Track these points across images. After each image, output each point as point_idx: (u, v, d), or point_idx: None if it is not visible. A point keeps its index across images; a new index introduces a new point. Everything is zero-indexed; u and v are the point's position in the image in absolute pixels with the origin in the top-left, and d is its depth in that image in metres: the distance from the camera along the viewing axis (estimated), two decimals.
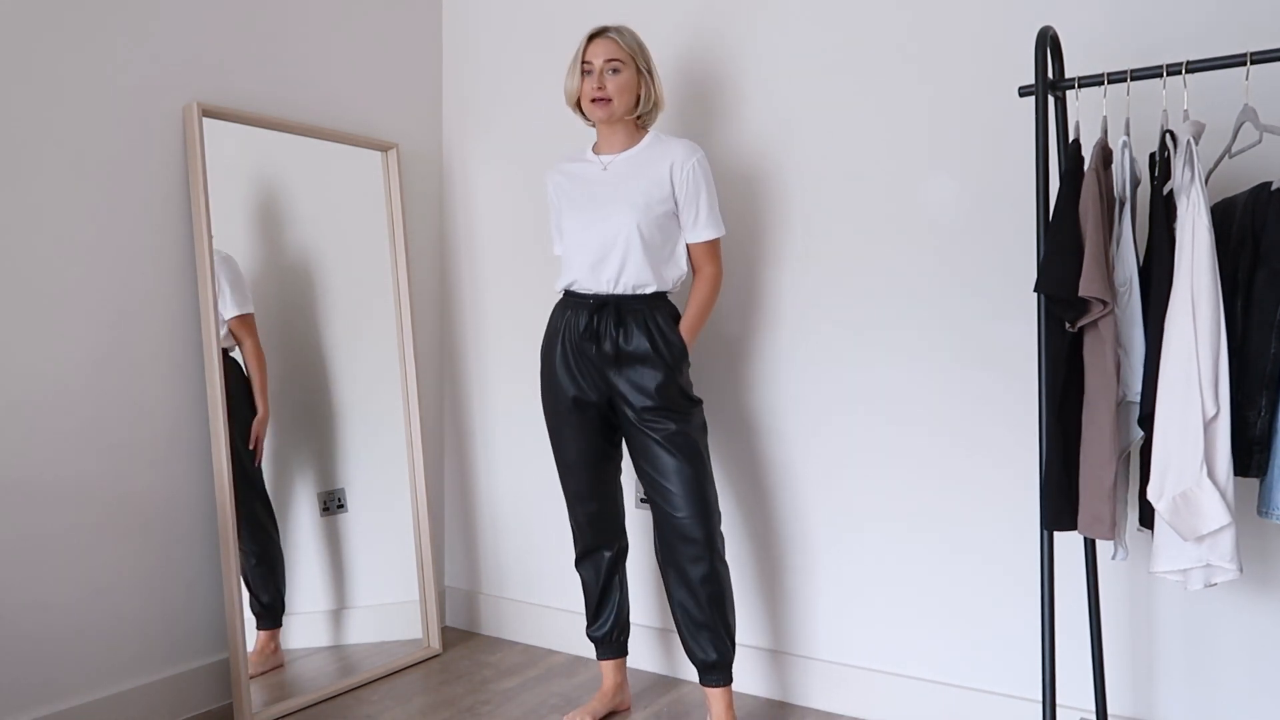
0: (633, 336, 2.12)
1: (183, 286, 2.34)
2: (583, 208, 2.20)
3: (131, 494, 2.24)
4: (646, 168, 2.16)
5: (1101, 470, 1.64)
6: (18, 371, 2.05)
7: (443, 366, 3.05)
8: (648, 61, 2.19)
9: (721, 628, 2.14)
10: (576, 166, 2.26)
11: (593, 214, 2.17)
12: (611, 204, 2.15)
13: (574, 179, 2.24)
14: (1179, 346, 1.53)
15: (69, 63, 2.13)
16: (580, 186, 2.22)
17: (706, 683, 2.17)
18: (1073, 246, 1.63)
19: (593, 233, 2.15)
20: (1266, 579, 1.89)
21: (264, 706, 2.34)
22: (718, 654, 2.14)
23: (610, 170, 2.19)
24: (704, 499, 2.11)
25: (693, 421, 2.15)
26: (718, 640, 2.13)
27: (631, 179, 2.16)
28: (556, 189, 2.28)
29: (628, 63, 2.15)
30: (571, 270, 2.19)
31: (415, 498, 2.77)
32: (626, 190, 2.15)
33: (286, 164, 2.56)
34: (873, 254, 2.30)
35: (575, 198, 2.22)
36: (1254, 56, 1.56)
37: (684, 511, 2.10)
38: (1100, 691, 1.92)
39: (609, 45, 2.14)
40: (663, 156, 2.16)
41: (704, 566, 2.11)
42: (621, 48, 2.14)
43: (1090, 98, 1.94)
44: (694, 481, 2.10)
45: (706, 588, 2.11)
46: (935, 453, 2.23)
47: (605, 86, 2.12)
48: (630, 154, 2.20)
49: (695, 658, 2.16)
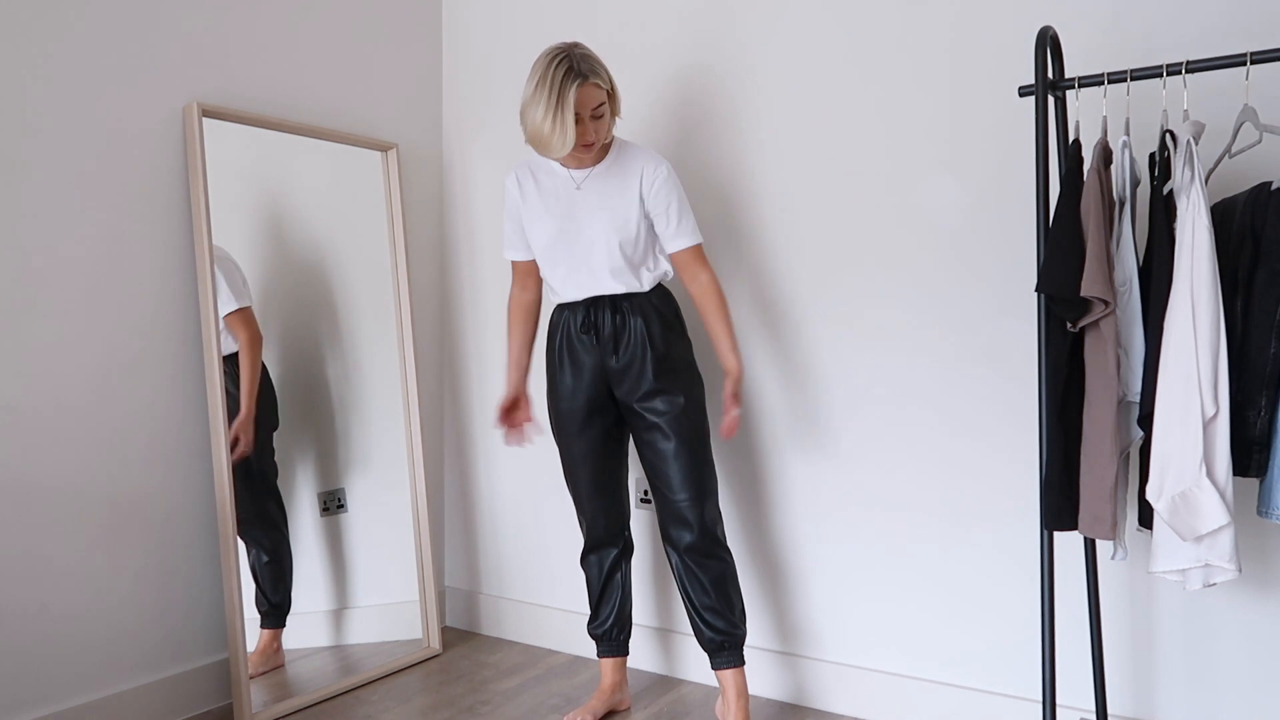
0: (630, 323, 2.14)
1: (183, 286, 2.34)
2: (557, 223, 2.15)
3: (132, 494, 2.24)
4: (618, 184, 2.14)
5: (1102, 470, 1.64)
6: (17, 371, 2.05)
7: (443, 366, 3.05)
8: (612, 84, 2.08)
9: (726, 608, 2.15)
10: (544, 177, 2.20)
11: (571, 235, 2.14)
12: (589, 223, 2.13)
13: (543, 190, 2.18)
14: (1178, 346, 1.53)
15: (69, 63, 2.13)
16: (551, 199, 2.17)
17: (717, 665, 2.18)
18: (1074, 247, 1.63)
19: (572, 251, 2.14)
20: (1266, 579, 1.89)
21: (264, 706, 2.35)
22: (724, 634, 2.15)
23: (585, 189, 2.15)
24: (701, 481, 2.13)
25: (692, 402, 2.16)
26: (723, 620, 2.15)
27: (606, 197, 2.13)
28: (523, 192, 2.20)
29: (606, 98, 2.05)
30: (555, 284, 2.20)
31: (415, 498, 2.77)
32: (604, 209, 2.13)
33: (286, 164, 2.56)
34: (873, 253, 2.30)
35: (547, 210, 2.17)
36: (1254, 56, 1.56)
37: (682, 494, 2.13)
38: (1100, 691, 1.92)
39: (595, 92, 2.01)
40: (631, 170, 2.14)
41: (703, 548, 2.13)
42: (602, 89, 2.03)
43: (1090, 98, 1.94)
44: (691, 465, 2.13)
45: (708, 568, 2.14)
46: (939, 451, 2.23)
47: (592, 131, 2.04)
48: (601, 170, 2.15)
49: (704, 640, 2.17)
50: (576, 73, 1.97)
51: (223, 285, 2.37)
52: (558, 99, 1.95)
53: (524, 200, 2.21)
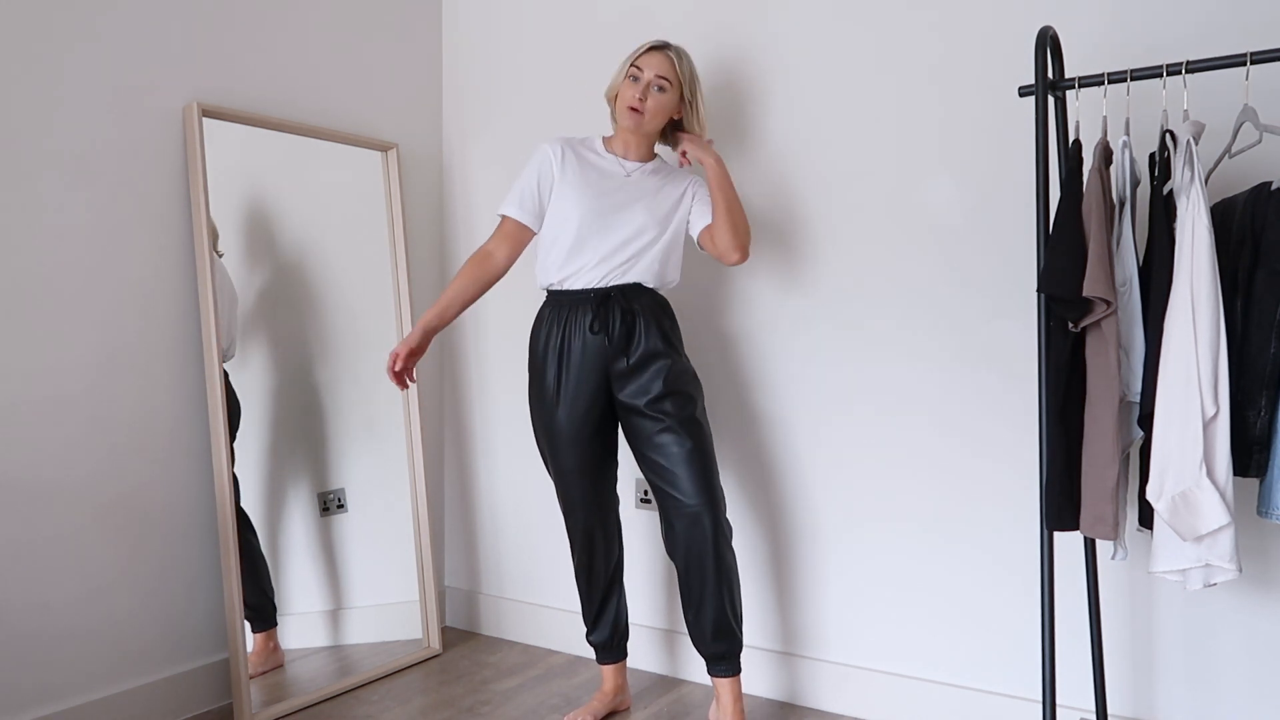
0: (640, 324, 2.13)
1: (183, 286, 2.34)
2: (595, 201, 2.14)
3: (131, 494, 2.24)
4: (666, 186, 2.20)
5: (1104, 470, 1.64)
6: (17, 371, 2.05)
7: (443, 367, 3.05)
8: (694, 92, 2.18)
9: (730, 615, 2.13)
10: (591, 155, 2.21)
11: (613, 216, 2.14)
12: (636, 211, 2.15)
13: (587, 166, 2.19)
14: (1178, 346, 1.53)
15: (69, 63, 2.13)
16: (595, 177, 2.17)
17: (715, 672, 2.16)
18: (1075, 247, 1.63)
19: (611, 234, 2.13)
20: (1266, 579, 1.89)
21: (264, 706, 2.34)
22: (726, 643, 2.13)
23: (634, 179, 2.19)
24: (711, 486, 2.11)
25: (698, 407, 2.16)
26: (726, 629, 2.13)
27: (656, 193, 2.18)
28: (563, 164, 2.17)
29: (674, 86, 2.14)
30: (574, 263, 2.14)
31: (415, 498, 2.77)
32: (654, 203, 2.17)
33: (286, 164, 2.55)
34: (874, 253, 2.30)
35: (589, 186, 2.16)
36: (1254, 56, 1.56)
37: (693, 499, 2.09)
38: (1100, 691, 1.92)
39: (664, 62, 2.13)
40: (675, 179, 2.23)
41: (713, 553, 2.10)
42: (675, 69, 2.14)
43: (1090, 98, 1.94)
44: (702, 467, 2.10)
45: (715, 574, 2.10)
46: (937, 453, 2.24)
47: (646, 99, 2.12)
48: (650, 168, 2.23)
49: (704, 649, 2.16)
50: (659, 41, 2.16)
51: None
52: (634, 52, 2.16)
53: (562, 170, 2.18)
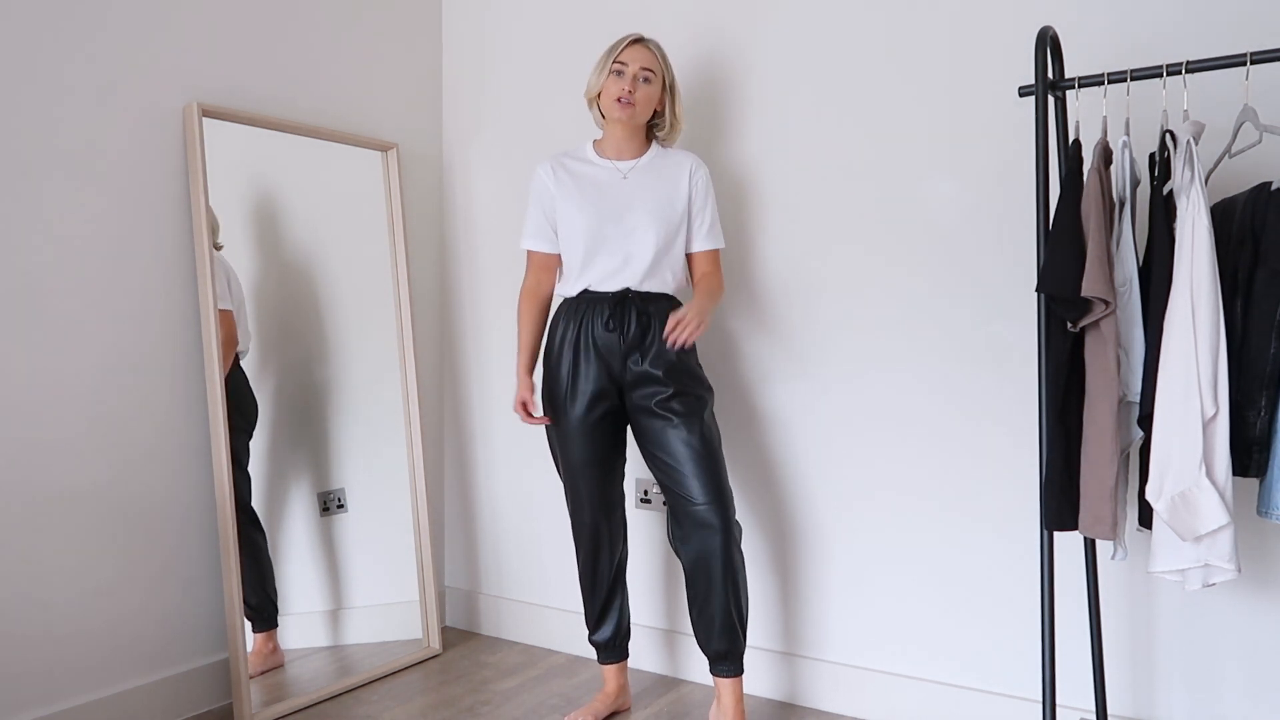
0: (655, 326, 2.14)
1: (183, 286, 2.34)
2: (597, 211, 2.17)
3: (131, 494, 2.24)
4: (664, 177, 2.20)
5: (1103, 470, 1.64)
6: (17, 371, 2.05)
7: (443, 366, 3.05)
8: (673, 79, 2.22)
9: (735, 616, 2.13)
10: (581, 166, 2.23)
11: (614, 223, 2.16)
12: (636, 212, 2.16)
13: (580, 179, 2.21)
14: (1178, 346, 1.53)
15: (69, 63, 2.13)
16: (590, 188, 2.19)
17: (717, 673, 2.16)
18: (1075, 247, 1.63)
19: (612, 239, 2.15)
20: (1266, 579, 1.89)
21: (264, 706, 2.35)
22: (729, 643, 2.13)
23: (632, 179, 2.19)
24: (720, 485, 2.11)
25: (708, 408, 2.17)
26: (730, 629, 2.12)
27: (653, 188, 2.18)
28: (557, 183, 2.22)
29: (658, 75, 2.18)
30: (589, 274, 2.17)
31: (415, 498, 2.77)
32: (652, 200, 2.17)
33: (286, 164, 2.56)
34: (874, 253, 2.30)
35: (586, 199, 2.18)
36: (1254, 56, 1.56)
37: (701, 498, 2.09)
38: (1100, 691, 1.92)
39: (646, 54, 2.17)
40: (676, 165, 2.22)
41: (721, 553, 2.09)
42: (657, 59, 2.18)
43: (1090, 98, 1.94)
44: (711, 467, 2.10)
45: (722, 574, 2.10)
46: (935, 454, 2.24)
47: (635, 91, 2.14)
48: (644, 162, 2.22)
49: (709, 650, 2.15)
50: (635, 35, 2.19)
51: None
52: (609, 48, 2.19)
53: (558, 189, 2.22)
